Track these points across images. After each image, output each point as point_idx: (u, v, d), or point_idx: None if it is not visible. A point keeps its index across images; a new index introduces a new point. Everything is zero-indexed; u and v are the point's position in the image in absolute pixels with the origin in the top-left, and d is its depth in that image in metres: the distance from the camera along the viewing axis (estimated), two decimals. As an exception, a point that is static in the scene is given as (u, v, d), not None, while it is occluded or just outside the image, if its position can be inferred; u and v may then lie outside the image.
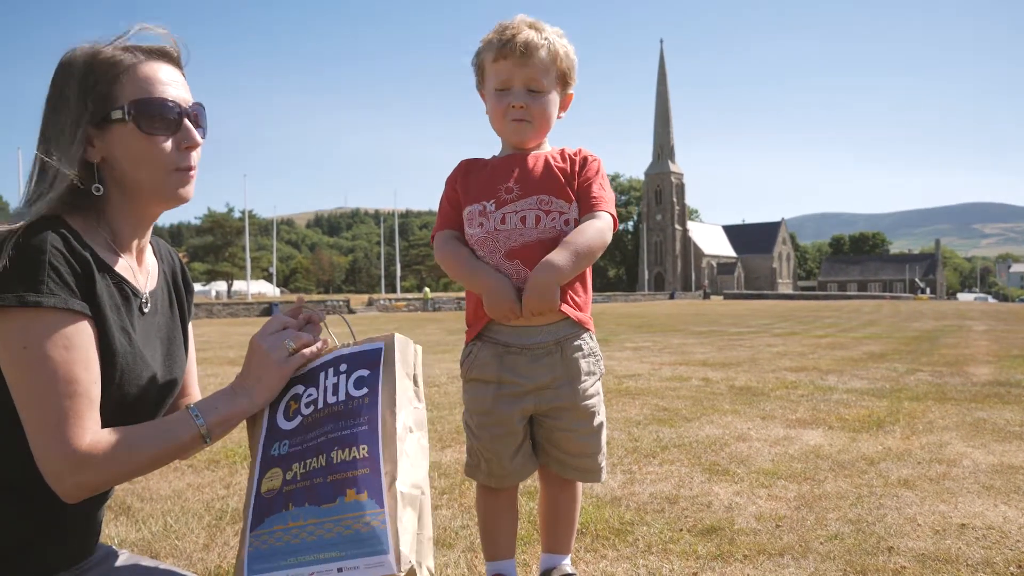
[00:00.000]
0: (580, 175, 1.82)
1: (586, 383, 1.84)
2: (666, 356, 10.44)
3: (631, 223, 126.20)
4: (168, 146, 1.28)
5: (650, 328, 18.59)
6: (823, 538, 2.70)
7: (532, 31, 1.77)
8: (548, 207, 1.78)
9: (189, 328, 1.50)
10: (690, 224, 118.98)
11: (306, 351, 1.33)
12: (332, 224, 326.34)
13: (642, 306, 46.93)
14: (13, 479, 1.19)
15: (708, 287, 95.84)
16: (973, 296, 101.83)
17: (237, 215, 69.01)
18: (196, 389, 1.54)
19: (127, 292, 1.29)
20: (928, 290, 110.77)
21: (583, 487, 2.06)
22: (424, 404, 1.30)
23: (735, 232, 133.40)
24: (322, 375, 1.30)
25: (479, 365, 1.82)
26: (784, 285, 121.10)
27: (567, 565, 1.97)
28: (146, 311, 1.34)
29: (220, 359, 10.98)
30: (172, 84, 1.29)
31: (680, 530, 2.81)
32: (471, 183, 1.85)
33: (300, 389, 1.31)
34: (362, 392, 1.24)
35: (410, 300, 47.56)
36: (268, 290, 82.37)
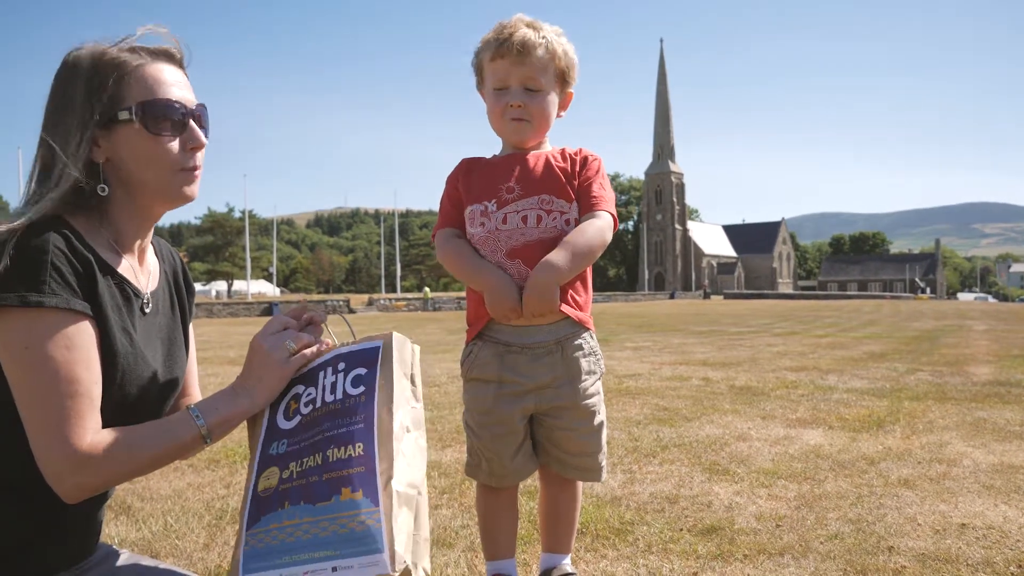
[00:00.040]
0: (580, 174, 1.82)
1: (587, 382, 1.84)
2: (666, 356, 10.44)
3: (631, 223, 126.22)
4: (174, 146, 1.29)
5: (650, 328, 18.59)
6: (823, 538, 2.70)
7: (529, 30, 1.76)
8: (549, 207, 1.78)
9: (190, 328, 1.50)
10: (690, 224, 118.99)
11: (307, 351, 1.33)
12: (332, 224, 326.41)
13: (642, 306, 46.93)
14: (13, 479, 1.19)
15: (708, 287, 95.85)
16: (973, 296, 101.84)
17: (237, 215, 69.05)
18: (196, 389, 1.54)
19: (128, 292, 1.30)
20: (928, 290, 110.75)
21: (583, 487, 2.06)
22: (422, 404, 1.30)
23: (735, 232, 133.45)
24: (321, 374, 1.30)
25: (480, 364, 1.82)
26: (784, 285, 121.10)
27: (567, 565, 1.97)
28: (147, 311, 1.35)
29: (220, 359, 10.98)
30: (177, 85, 1.30)
31: (680, 530, 2.82)
32: (473, 182, 1.85)
33: (300, 389, 1.31)
34: (359, 390, 1.24)
35: (410, 300, 47.56)
36: (268, 290, 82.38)
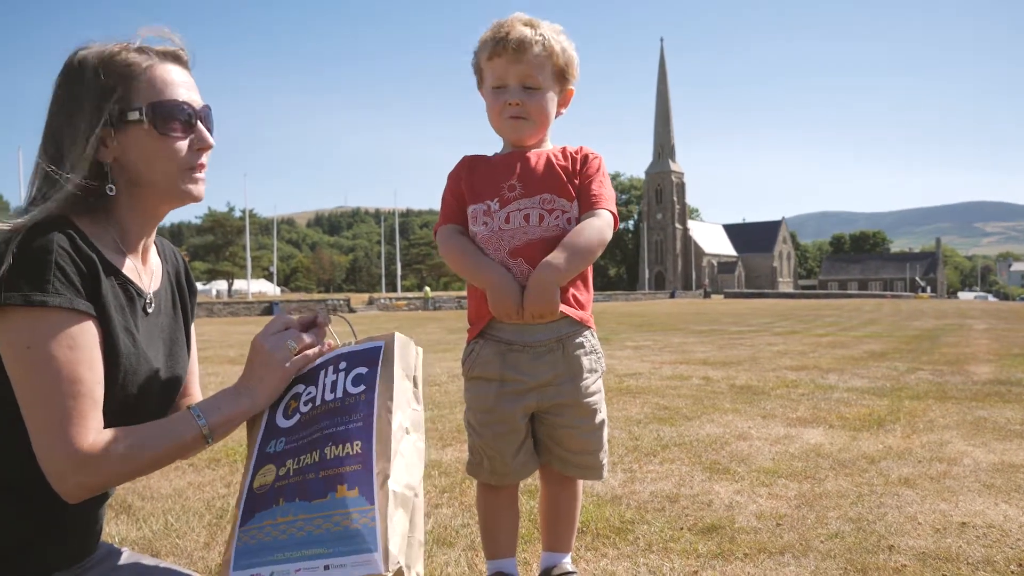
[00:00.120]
0: (581, 173, 1.82)
1: (588, 380, 1.84)
2: (667, 355, 10.44)
3: (632, 222, 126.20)
4: (183, 147, 1.29)
5: (651, 327, 18.59)
6: (824, 537, 2.70)
7: (526, 28, 1.76)
8: (551, 206, 1.78)
9: (192, 329, 1.51)
10: (691, 223, 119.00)
11: (309, 352, 1.33)
12: (333, 223, 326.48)
13: (643, 305, 46.93)
14: (13, 479, 1.19)
15: (709, 286, 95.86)
16: (974, 295, 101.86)
17: (238, 214, 69.07)
18: (197, 389, 1.54)
19: (132, 292, 1.30)
20: (929, 289, 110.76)
21: (584, 486, 2.06)
22: (423, 407, 1.29)
23: (736, 231, 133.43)
24: (322, 373, 1.30)
25: (481, 363, 1.83)
26: (785, 284, 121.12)
27: (568, 563, 1.97)
28: (150, 311, 1.35)
29: (220, 358, 10.98)
30: (185, 86, 1.31)
31: (681, 529, 2.82)
32: (475, 180, 1.84)
33: (301, 388, 1.31)
34: (359, 389, 1.24)
35: (411, 299, 47.57)
36: (269, 289, 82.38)
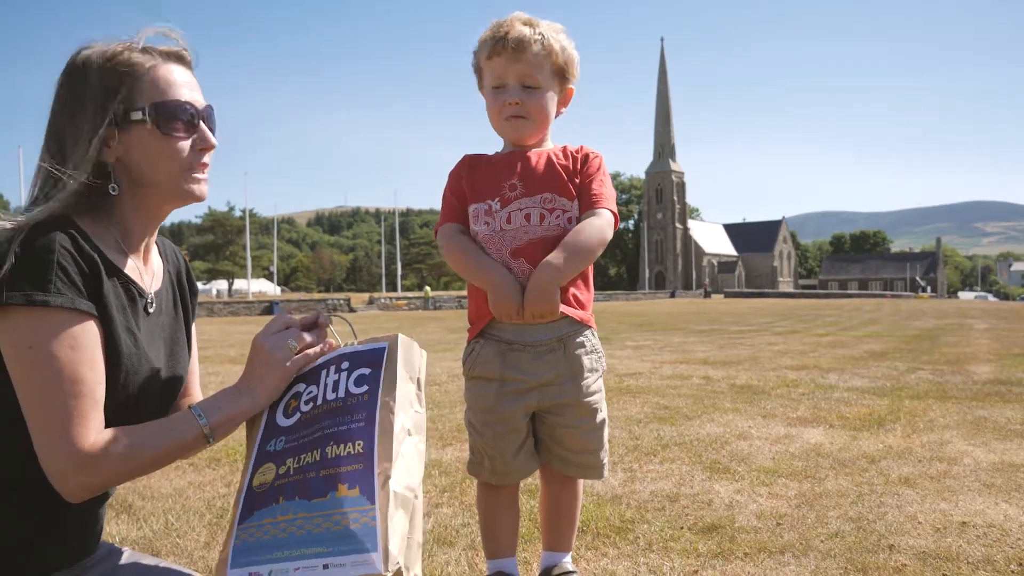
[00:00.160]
0: (581, 172, 1.82)
1: (589, 379, 1.84)
2: (667, 354, 10.44)
3: (632, 222, 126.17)
4: (186, 147, 1.30)
5: (651, 327, 18.59)
6: (824, 536, 2.70)
7: (525, 27, 1.76)
8: (552, 205, 1.78)
9: (192, 329, 1.51)
10: (691, 223, 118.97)
11: (309, 352, 1.33)
12: (333, 223, 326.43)
13: (643, 305, 46.93)
14: (13, 479, 1.19)
15: (709, 286, 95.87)
16: (974, 295, 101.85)
17: (238, 214, 69.11)
18: (197, 389, 1.54)
19: (133, 292, 1.30)
20: (929, 289, 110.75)
21: (584, 485, 2.07)
22: (425, 409, 1.29)
23: (736, 231, 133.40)
24: (323, 372, 1.30)
25: (482, 363, 1.83)
26: (785, 284, 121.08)
27: (568, 563, 1.97)
28: (151, 311, 1.35)
29: (221, 357, 10.98)
30: (188, 86, 1.31)
31: (681, 528, 2.82)
32: (476, 179, 1.84)
33: (301, 387, 1.31)
34: (362, 389, 1.23)
35: (411, 299, 47.57)
36: (269, 289, 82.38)
